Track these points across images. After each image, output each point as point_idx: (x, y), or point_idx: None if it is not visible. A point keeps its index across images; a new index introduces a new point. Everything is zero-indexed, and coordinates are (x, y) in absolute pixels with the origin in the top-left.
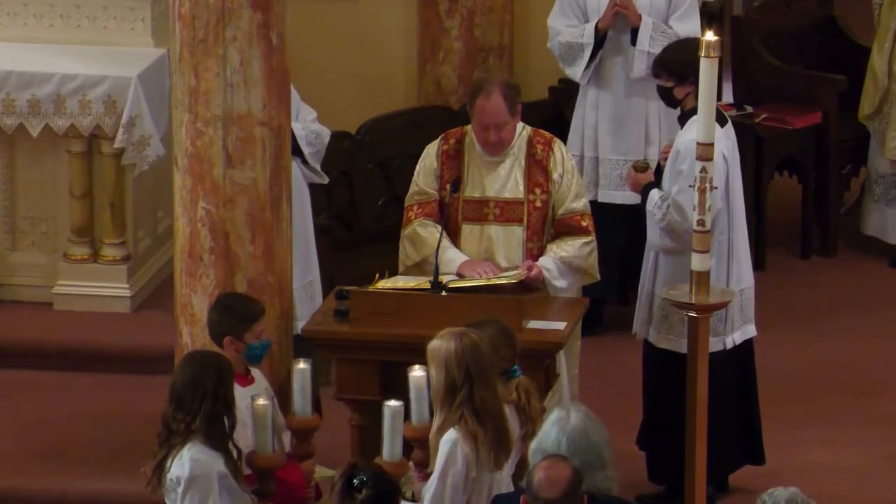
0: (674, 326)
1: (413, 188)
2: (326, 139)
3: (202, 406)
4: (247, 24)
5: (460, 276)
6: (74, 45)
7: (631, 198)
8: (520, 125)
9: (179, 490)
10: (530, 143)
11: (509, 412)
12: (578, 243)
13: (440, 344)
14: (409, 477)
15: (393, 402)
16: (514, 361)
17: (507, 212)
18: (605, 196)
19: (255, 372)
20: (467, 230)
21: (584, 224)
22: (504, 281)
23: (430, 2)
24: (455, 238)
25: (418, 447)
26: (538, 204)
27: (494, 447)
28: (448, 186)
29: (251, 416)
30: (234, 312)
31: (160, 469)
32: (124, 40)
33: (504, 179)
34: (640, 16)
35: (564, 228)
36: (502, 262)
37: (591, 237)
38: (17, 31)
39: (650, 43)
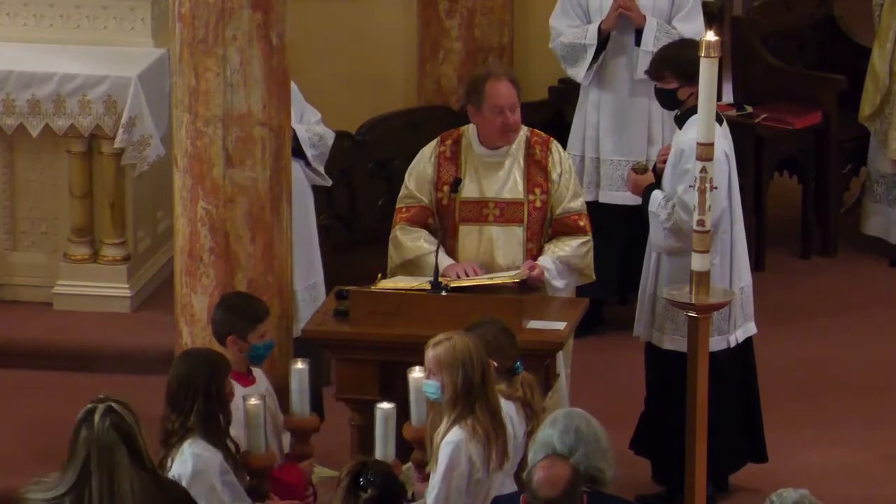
0: (680, 327)
1: (403, 191)
2: (330, 141)
3: (194, 404)
4: (247, 24)
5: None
6: (74, 45)
7: (633, 198)
8: None
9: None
10: (528, 144)
11: (515, 409)
12: (576, 243)
13: (452, 345)
14: (409, 477)
15: (385, 405)
16: (517, 359)
17: (506, 212)
18: (607, 197)
19: (257, 372)
20: (465, 231)
21: (581, 224)
22: (505, 280)
23: (430, 2)
24: (452, 239)
25: (417, 448)
26: (538, 204)
27: (503, 447)
28: (445, 188)
29: (244, 415)
30: (238, 312)
31: (161, 469)
32: (124, 40)
33: (503, 180)
34: (643, 17)
35: (562, 228)
36: (502, 263)
37: (589, 237)
38: (17, 31)
39: (654, 43)
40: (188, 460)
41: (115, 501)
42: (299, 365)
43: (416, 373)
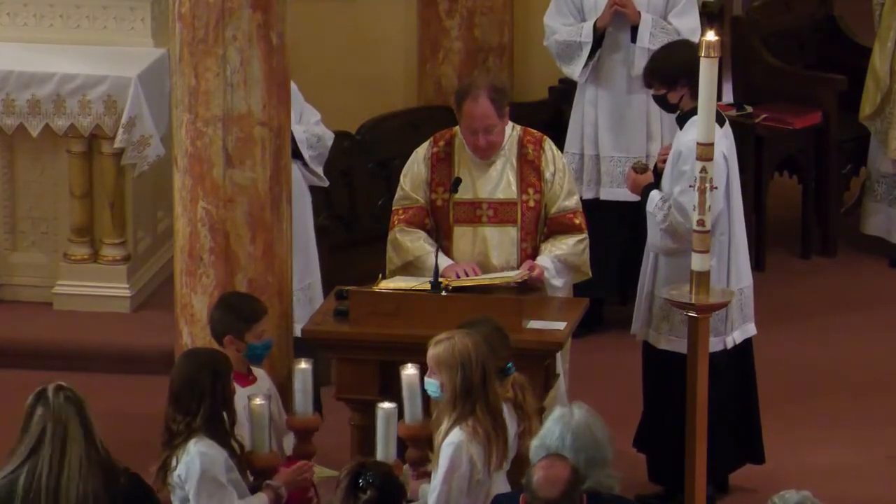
0: (675, 327)
1: (399, 192)
2: (329, 142)
3: (201, 405)
4: (247, 24)
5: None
6: (74, 45)
7: (634, 195)
8: (509, 125)
9: (188, 486)
10: (521, 143)
11: (506, 410)
12: (573, 241)
13: (451, 345)
14: (405, 476)
15: (386, 404)
16: (509, 359)
17: (500, 213)
18: (608, 194)
19: (259, 372)
20: (459, 232)
21: (576, 222)
22: (506, 280)
23: (430, 2)
24: (448, 241)
25: (413, 446)
26: (531, 204)
27: (503, 447)
28: (439, 189)
29: (248, 416)
30: (235, 312)
31: (164, 469)
32: (124, 40)
33: (496, 180)
34: (639, 13)
35: (558, 227)
36: (496, 264)
37: (584, 234)
38: (17, 31)
39: (650, 39)
40: (195, 459)
41: (62, 473)
42: (303, 365)
43: (409, 370)
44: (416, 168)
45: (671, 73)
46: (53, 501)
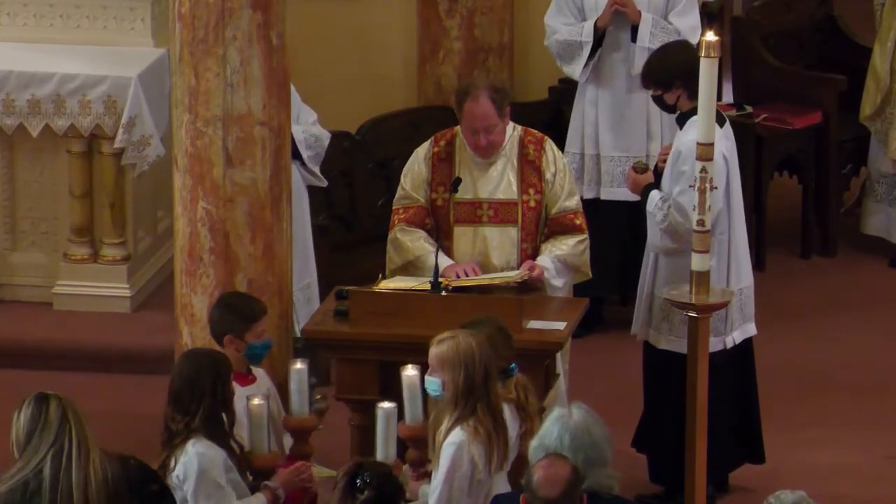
0: (675, 327)
1: (400, 192)
2: (326, 142)
3: (200, 405)
4: (247, 24)
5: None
6: (74, 45)
7: (634, 195)
8: (510, 125)
9: (187, 487)
10: (522, 143)
11: (509, 411)
12: (573, 241)
13: (455, 344)
14: (405, 477)
15: (386, 404)
16: (512, 360)
17: (501, 213)
18: (609, 194)
19: (259, 371)
20: (459, 232)
21: (577, 222)
22: (506, 280)
23: (430, 2)
24: (447, 240)
25: (413, 447)
26: (532, 204)
27: (504, 447)
28: (439, 188)
29: (247, 415)
30: (234, 311)
31: (163, 469)
32: (124, 40)
33: (497, 180)
34: (639, 12)
35: (558, 227)
36: (496, 264)
37: (585, 235)
38: (17, 31)
39: (650, 39)
40: (193, 459)
41: (90, 454)
42: (298, 365)
43: (410, 370)
44: (416, 168)
45: (666, 75)
46: (84, 481)
